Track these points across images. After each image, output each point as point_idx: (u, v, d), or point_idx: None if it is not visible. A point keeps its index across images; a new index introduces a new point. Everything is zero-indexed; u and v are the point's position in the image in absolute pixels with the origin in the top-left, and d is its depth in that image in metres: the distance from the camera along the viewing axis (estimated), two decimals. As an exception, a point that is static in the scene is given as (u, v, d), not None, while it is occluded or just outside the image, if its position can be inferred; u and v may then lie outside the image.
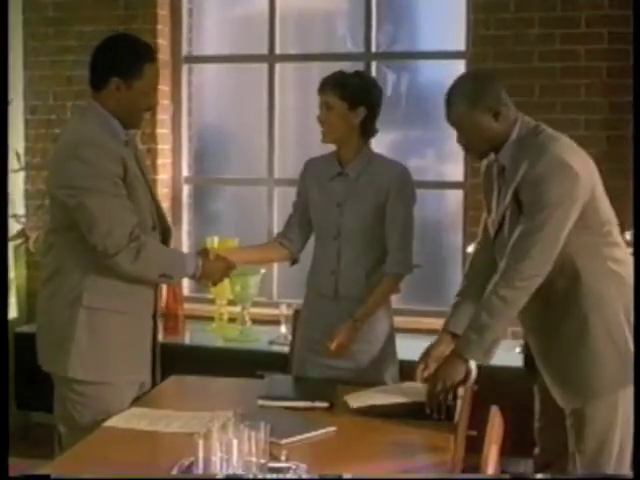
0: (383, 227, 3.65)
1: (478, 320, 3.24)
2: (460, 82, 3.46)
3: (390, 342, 3.80)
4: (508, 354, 4.95)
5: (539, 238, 3.14)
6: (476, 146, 3.36)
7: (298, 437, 2.92)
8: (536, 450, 3.67)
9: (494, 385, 4.00)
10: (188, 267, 3.45)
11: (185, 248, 6.01)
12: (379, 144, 5.18)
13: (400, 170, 3.70)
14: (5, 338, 3.63)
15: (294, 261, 3.91)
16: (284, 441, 2.85)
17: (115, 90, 3.30)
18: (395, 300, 5.61)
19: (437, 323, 5.40)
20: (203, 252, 3.66)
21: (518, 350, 4.98)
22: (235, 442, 2.47)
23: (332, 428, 3.03)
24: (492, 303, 3.22)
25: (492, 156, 3.39)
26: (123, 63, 3.30)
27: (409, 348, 5.07)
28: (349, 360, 3.65)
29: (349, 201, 3.67)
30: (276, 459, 2.62)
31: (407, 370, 4.19)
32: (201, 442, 2.48)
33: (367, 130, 3.70)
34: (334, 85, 3.61)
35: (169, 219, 5.81)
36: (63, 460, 2.81)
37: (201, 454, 2.50)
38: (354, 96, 3.60)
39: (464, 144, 3.38)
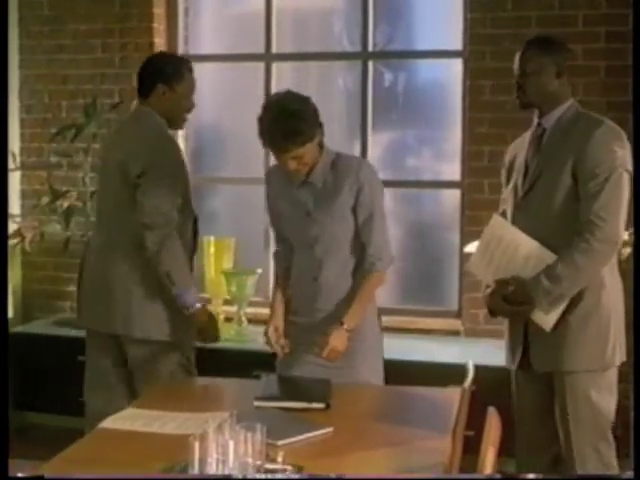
0: (358, 225, 3.60)
1: (554, 270, 3.40)
2: (549, 36, 3.78)
3: (377, 340, 3.76)
4: (504, 354, 4.93)
5: (609, 202, 3.37)
6: (528, 91, 3.56)
7: (295, 438, 2.88)
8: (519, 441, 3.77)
9: (491, 385, 4.00)
10: (191, 291, 3.83)
11: (181, 248, 5.98)
12: (376, 144, 5.20)
13: (363, 166, 3.64)
14: (5, 339, 3.63)
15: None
16: (281, 442, 2.81)
17: (161, 94, 3.85)
18: (392, 300, 5.65)
19: (434, 323, 5.46)
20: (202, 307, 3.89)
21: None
22: (231, 444, 2.45)
23: (329, 429, 3.00)
24: (572, 258, 3.38)
25: (534, 121, 3.63)
26: (166, 70, 3.85)
27: (406, 348, 5.11)
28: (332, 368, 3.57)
29: (319, 209, 3.59)
30: (273, 461, 2.60)
31: (409, 370, 4.20)
32: (197, 444, 2.45)
33: (321, 137, 3.58)
34: (295, 138, 3.41)
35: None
36: (58, 461, 2.78)
37: (197, 456, 2.47)
38: (313, 131, 3.47)
39: (520, 83, 3.57)
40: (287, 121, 3.40)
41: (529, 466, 3.70)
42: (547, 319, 3.46)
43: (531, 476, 3.87)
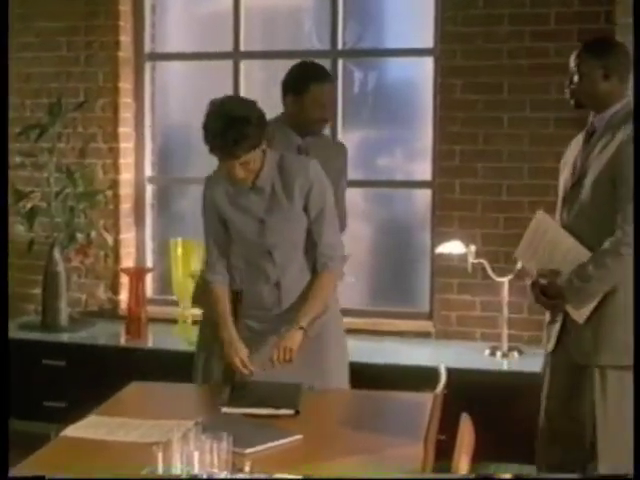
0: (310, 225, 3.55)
1: (585, 270, 3.52)
2: (601, 38, 4.00)
3: (339, 346, 3.70)
4: (477, 356, 4.90)
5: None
6: (577, 92, 3.68)
7: (263, 446, 2.82)
8: (541, 422, 3.89)
9: (463, 387, 3.96)
10: None
11: (148, 250, 5.91)
12: (346, 144, 5.11)
13: (311, 165, 3.55)
14: (5, 339, 3.57)
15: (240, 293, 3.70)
16: (248, 451, 2.75)
17: (290, 104, 4.00)
18: (362, 301, 5.60)
19: (405, 324, 5.41)
20: None
21: (487, 352, 4.92)
22: (196, 454, 2.38)
23: (298, 436, 2.93)
24: (603, 259, 3.50)
25: (590, 118, 3.72)
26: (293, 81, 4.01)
27: (377, 350, 5.05)
28: (295, 373, 3.47)
29: (272, 215, 3.52)
30: (240, 470, 2.53)
31: (379, 373, 4.14)
32: (160, 455, 2.38)
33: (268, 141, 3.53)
34: (239, 145, 3.33)
35: (132, 220, 5.81)
36: (18, 471, 2.70)
37: (160, 465, 2.40)
38: (260, 137, 3.39)
39: (570, 85, 3.71)
40: (236, 127, 3.32)
41: (549, 458, 3.83)
42: (579, 313, 3.60)
43: (506, 475, 3.89)
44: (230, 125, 3.33)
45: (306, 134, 4.03)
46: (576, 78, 3.68)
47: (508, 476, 4.40)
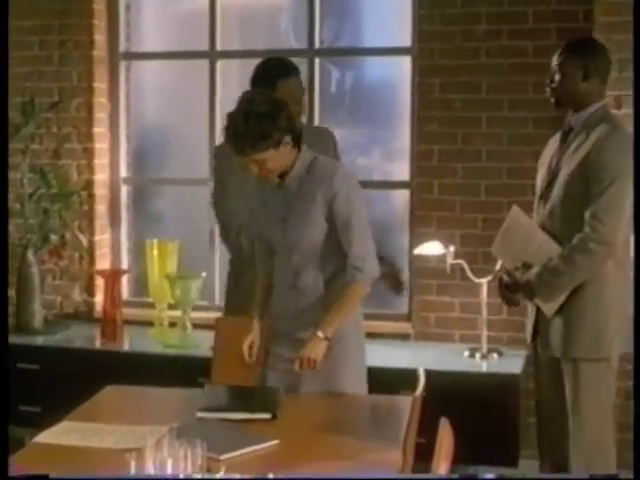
0: (336, 233, 3.44)
1: (554, 264, 3.63)
2: (582, 39, 4.08)
3: (359, 349, 3.63)
4: (457, 358, 4.86)
5: (609, 206, 3.55)
6: (558, 90, 3.75)
7: (238, 452, 2.77)
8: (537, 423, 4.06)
9: (442, 389, 3.94)
10: None
11: (124, 251, 5.85)
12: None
13: (338, 172, 3.45)
14: (5, 340, 3.53)
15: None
16: (223, 456, 2.71)
17: None
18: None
19: (384, 326, 5.35)
20: None
21: (467, 354, 4.89)
22: (170, 460, 2.32)
23: (274, 441, 2.89)
24: (571, 255, 3.59)
25: (568, 117, 3.80)
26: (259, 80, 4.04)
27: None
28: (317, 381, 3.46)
29: (293, 215, 3.45)
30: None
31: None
32: (133, 463, 2.33)
33: (297, 141, 3.42)
34: (253, 142, 3.27)
35: (107, 221, 5.75)
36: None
37: (133, 472, 2.35)
38: (275, 136, 3.30)
39: (551, 83, 3.78)
40: (246, 124, 3.25)
41: (553, 456, 3.91)
42: (548, 307, 3.71)
43: (489, 475, 3.90)
44: (246, 119, 3.27)
45: None
46: (557, 77, 3.74)
47: (491, 476, 4.39)
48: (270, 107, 3.31)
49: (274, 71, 4.03)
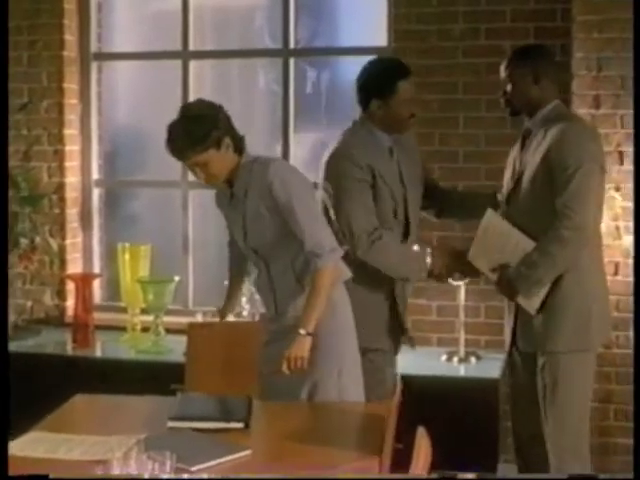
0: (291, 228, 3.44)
1: (531, 258, 3.66)
2: (526, 45, 4.18)
3: (346, 341, 3.57)
4: (434, 362, 4.81)
5: (578, 193, 3.58)
6: (513, 99, 3.83)
7: (209, 463, 2.69)
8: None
9: (419, 394, 3.90)
10: (421, 262, 3.91)
11: (96, 255, 5.75)
12: (300, 145, 5.03)
13: (271, 164, 3.43)
14: (5, 341, 3.45)
15: None
16: (194, 468, 2.63)
17: (377, 109, 3.87)
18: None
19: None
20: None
21: (444, 358, 4.83)
22: (136, 474, 2.25)
23: (247, 452, 2.81)
24: (546, 246, 3.63)
25: (525, 123, 3.87)
26: (378, 85, 3.88)
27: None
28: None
29: (248, 222, 3.48)
30: (185, 490, 2.40)
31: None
32: (100, 475, 2.25)
33: (238, 146, 3.45)
34: (190, 146, 3.32)
35: (78, 224, 5.65)
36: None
37: (100, 487, 2.27)
38: (212, 138, 3.34)
39: (504, 95, 3.86)
40: (177, 127, 3.35)
41: (531, 456, 3.92)
42: (530, 303, 3.72)
43: (469, 475, 3.88)
44: (178, 125, 3.36)
45: (394, 133, 3.95)
46: (509, 87, 3.82)
47: (471, 476, 4.35)
48: (205, 109, 3.41)
49: (394, 71, 3.90)
